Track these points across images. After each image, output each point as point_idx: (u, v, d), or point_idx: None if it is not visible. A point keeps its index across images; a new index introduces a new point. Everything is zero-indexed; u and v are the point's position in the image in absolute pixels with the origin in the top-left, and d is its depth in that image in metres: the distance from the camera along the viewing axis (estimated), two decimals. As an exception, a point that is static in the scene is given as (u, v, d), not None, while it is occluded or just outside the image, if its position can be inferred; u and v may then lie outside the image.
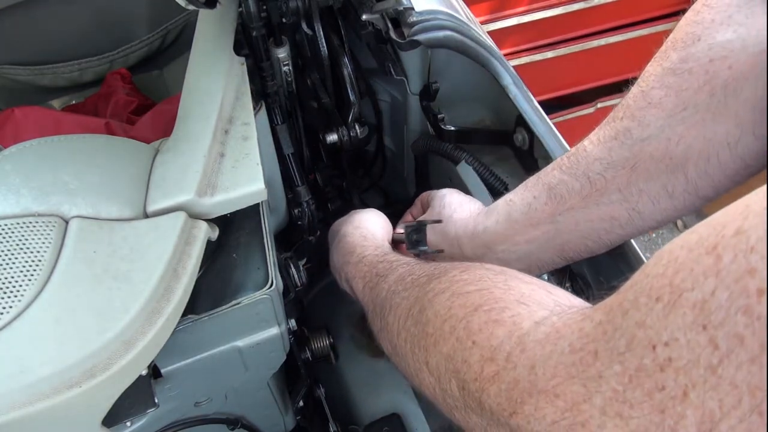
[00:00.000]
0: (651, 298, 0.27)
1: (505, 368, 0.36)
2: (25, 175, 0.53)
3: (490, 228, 0.61)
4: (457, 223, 0.65)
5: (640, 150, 0.52)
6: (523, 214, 0.59)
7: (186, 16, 0.98)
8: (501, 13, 1.84)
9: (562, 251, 0.59)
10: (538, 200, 0.58)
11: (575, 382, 0.30)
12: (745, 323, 0.22)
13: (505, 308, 0.40)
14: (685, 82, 0.50)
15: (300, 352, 0.80)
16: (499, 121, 0.84)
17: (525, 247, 0.60)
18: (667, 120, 0.51)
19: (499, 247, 0.61)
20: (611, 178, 0.54)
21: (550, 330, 0.35)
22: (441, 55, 0.81)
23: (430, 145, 0.86)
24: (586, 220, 0.56)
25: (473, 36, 0.72)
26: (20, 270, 0.46)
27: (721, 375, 0.23)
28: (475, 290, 0.43)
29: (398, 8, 0.68)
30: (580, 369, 0.30)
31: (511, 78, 0.75)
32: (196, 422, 0.66)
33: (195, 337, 0.57)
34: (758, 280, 0.22)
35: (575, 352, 0.31)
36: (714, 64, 0.49)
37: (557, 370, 0.32)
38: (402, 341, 0.48)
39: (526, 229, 0.59)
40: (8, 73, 0.93)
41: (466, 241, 0.63)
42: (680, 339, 0.24)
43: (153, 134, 0.73)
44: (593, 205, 0.55)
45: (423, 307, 0.46)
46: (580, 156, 0.56)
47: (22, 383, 0.43)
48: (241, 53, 0.69)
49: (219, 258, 0.60)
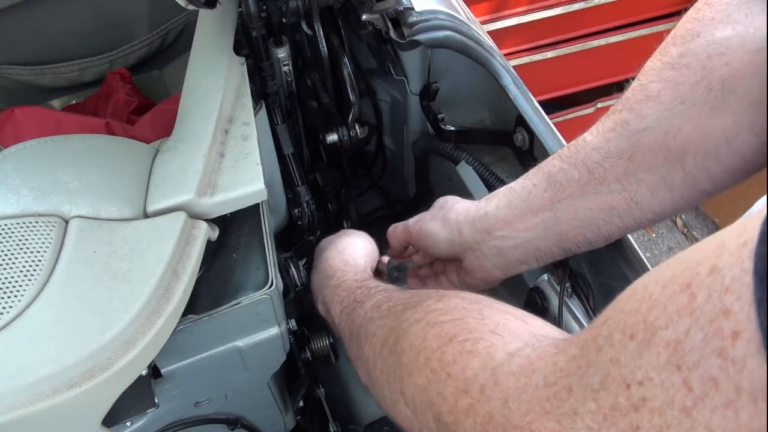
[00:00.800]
0: (625, 334, 0.26)
1: (479, 401, 0.36)
2: (25, 175, 0.53)
3: (491, 213, 0.62)
4: (458, 209, 0.65)
5: (638, 141, 0.53)
6: (522, 200, 0.59)
7: (186, 16, 0.98)
8: (501, 13, 1.84)
9: (561, 241, 0.59)
10: (537, 188, 0.59)
11: (550, 419, 0.30)
12: (719, 366, 0.21)
13: (480, 339, 0.39)
14: (683, 76, 0.51)
15: (300, 352, 0.80)
16: (499, 121, 0.84)
17: (524, 234, 0.60)
18: (664, 113, 0.52)
19: (497, 232, 0.61)
20: (609, 167, 0.55)
21: (524, 362, 0.34)
22: (441, 55, 0.81)
23: (430, 145, 0.86)
24: (584, 209, 0.56)
25: (473, 36, 0.72)
26: (20, 270, 0.46)
27: (695, 418, 0.22)
28: (449, 320, 0.43)
29: (398, 8, 0.68)
30: (554, 405, 0.30)
31: (511, 78, 0.75)
32: (196, 422, 0.66)
33: (195, 337, 0.57)
34: (733, 322, 0.21)
35: (549, 386, 0.31)
36: (711, 60, 0.49)
37: (531, 405, 0.31)
38: (378, 372, 0.48)
39: (526, 215, 0.59)
40: (8, 73, 0.93)
41: (466, 225, 0.63)
42: (654, 379, 0.24)
43: (153, 134, 0.73)
44: (592, 194, 0.56)
45: (398, 337, 0.46)
46: (580, 146, 0.57)
47: (22, 383, 0.43)
48: (241, 53, 0.69)
49: (219, 258, 0.60)
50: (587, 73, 2.01)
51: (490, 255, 0.62)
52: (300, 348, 0.80)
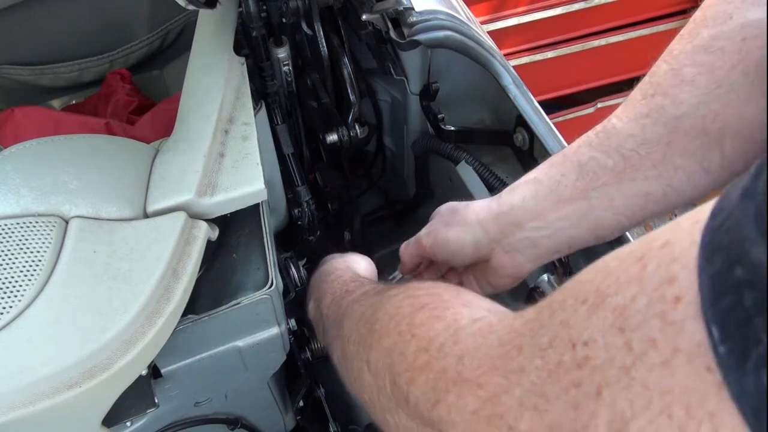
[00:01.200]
0: (577, 300, 0.28)
1: (436, 358, 0.37)
2: (25, 175, 0.53)
3: (518, 205, 0.60)
4: (476, 209, 0.64)
5: (675, 127, 0.52)
6: (552, 191, 0.58)
7: (186, 16, 0.98)
8: (501, 13, 1.84)
9: (596, 229, 0.58)
10: (567, 177, 0.58)
11: (498, 374, 0.31)
12: (659, 328, 0.22)
13: (449, 308, 0.41)
14: (718, 60, 0.50)
15: (300, 352, 0.80)
16: (499, 121, 0.84)
17: (557, 223, 0.59)
18: (701, 98, 0.51)
19: (529, 224, 0.60)
20: (645, 154, 0.54)
21: (484, 325, 0.36)
22: (441, 55, 0.81)
23: (430, 145, 0.86)
24: (621, 197, 0.56)
25: (473, 36, 0.72)
26: (20, 270, 0.46)
27: (633, 376, 0.23)
28: (424, 294, 0.45)
29: (398, 8, 0.68)
30: (504, 361, 0.31)
31: (511, 78, 0.75)
32: (196, 422, 0.67)
33: (195, 337, 0.57)
34: (676, 288, 0.22)
35: (503, 345, 0.32)
36: (747, 43, 0.48)
37: (483, 361, 0.33)
38: (351, 344, 0.49)
39: (557, 205, 0.58)
40: (8, 73, 0.93)
41: (491, 222, 0.62)
42: (598, 340, 0.25)
43: (153, 134, 0.73)
44: (628, 181, 0.55)
45: (376, 309, 0.47)
46: (611, 133, 0.55)
47: (22, 383, 0.43)
48: (241, 53, 0.69)
49: (219, 258, 0.60)
50: (587, 73, 2.01)
51: (522, 247, 0.61)
52: (300, 348, 0.80)
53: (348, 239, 0.99)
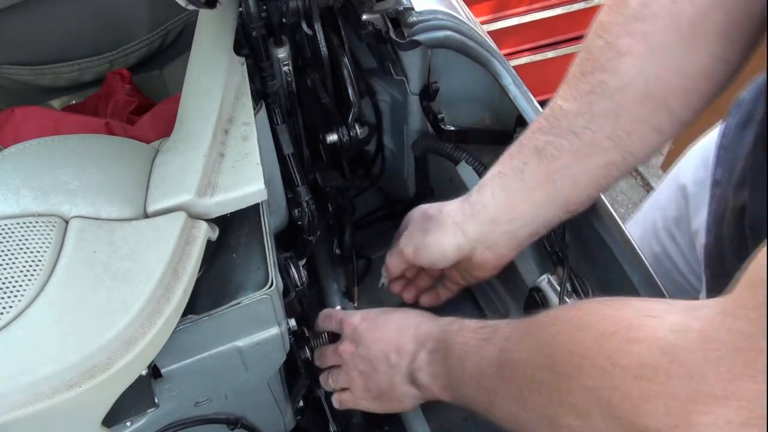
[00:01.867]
0: None
1: (660, 383, 0.35)
2: (25, 175, 0.53)
3: (489, 203, 0.61)
4: (450, 213, 0.64)
5: (621, 98, 0.54)
6: (518, 181, 0.60)
7: (186, 16, 0.98)
8: (501, 13, 1.84)
9: (567, 206, 0.60)
10: (529, 165, 0.59)
11: (746, 380, 0.31)
12: None
13: (636, 326, 0.38)
14: (651, 26, 0.52)
15: (300, 352, 0.80)
16: (499, 121, 0.84)
17: (530, 212, 0.60)
18: (641, 66, 0.53)
19: (504, 217, 0.61)
20: (597, 129, 0.56)
21: (693, 335, 0.34)
22: (441, 55, 0.81)
23: (430, 145, 0.86)
24: (583, 172, 0.57)
25: (473, 36, 0.72)
26: (20, 270, 0.46)
27: None
28: (595, 321, 0.42)
29: (398, 8, 0.68)
30: (750, 365, 0.31)
31: (511, 78, 0.75)
32: (196, 422, 0.66)
33: (195, 337, 0.57)
34: None
35: (738, 351, 0.31)
36: (677, 5, 0.50)
37: (721, 373, 0.32)
38: (535, 394, 0.45)
39: (526, 194, 0.59)
40: (8, 73, 0.93)
41: (469, 224, 0.63)
42: None
43: (153, 134, 0.73)
44: (586, 157, 0.57)
45: (547, 352, 0.44)
46: (559, 115, 0.57)
47: (22, 383, 0.43)
48: (241, 53, 0.69)
49: (219, 258, 0.60)
50: (587, 73, 2.01)
51: (503, 241, 0.62)
52: (300, 348, 0.80)
53: (337, 253, 0.97)
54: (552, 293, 0.67)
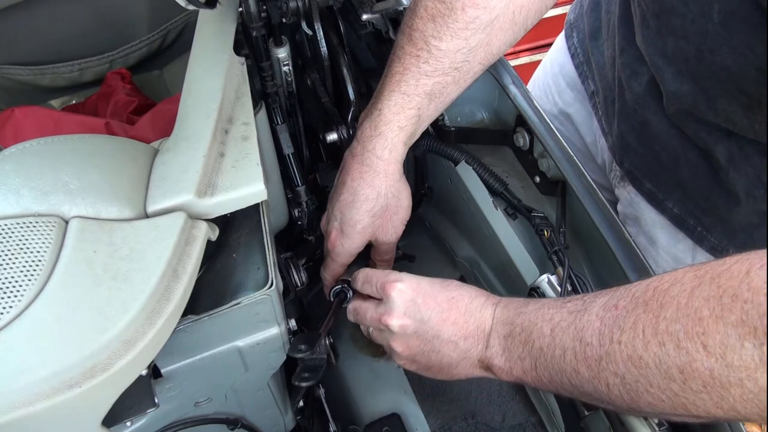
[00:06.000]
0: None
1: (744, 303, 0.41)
2: (25, 175, 0.53)
3: (400, 152, 0.69)
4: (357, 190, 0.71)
5: (491, 29, 0.65)
6: (419, 123, 0.69)
7: (186, 16, 0.98)
8: (501, 13, 1.83)
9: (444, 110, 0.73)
10: (423, 110, 0.68)
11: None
12: None
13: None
14: None
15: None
16: (499, 121, 0.84)
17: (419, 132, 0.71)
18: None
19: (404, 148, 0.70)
20: (473, 58, 0.66)
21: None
22: (441, 55, 0.81)
23: (430, 145, 0.86)
24: (460, 91, 0.70)
25: (473, 36, 0.72)
26: (20, 270, 0.46)
27: None
28: (721, 269, 0.45)
29: (398, 8, 0.69)
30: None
31: (511, 78, 0.75)
32: (196, 422, 0.67)
33: (195, 337, 0.57)
34: None
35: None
36: None
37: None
38: (656, 347, 0.46)
39: (419, 127, 0.70)
40: (8, 73, 0.93)
41: (387, 178, 0.69)
42: None
43: (153, 134, 0.73)
44: (463, 82, 0.69)
45: (676, 309, 0.46)
46: (439, 56, 0.65)
47: (22, 383, 0.43)
48: (241, 53, 0.69)
49: (219, 258, 0.60)
50: (587, 73, 2.01)
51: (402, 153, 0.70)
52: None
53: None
54: (552, 293, 0.67)
